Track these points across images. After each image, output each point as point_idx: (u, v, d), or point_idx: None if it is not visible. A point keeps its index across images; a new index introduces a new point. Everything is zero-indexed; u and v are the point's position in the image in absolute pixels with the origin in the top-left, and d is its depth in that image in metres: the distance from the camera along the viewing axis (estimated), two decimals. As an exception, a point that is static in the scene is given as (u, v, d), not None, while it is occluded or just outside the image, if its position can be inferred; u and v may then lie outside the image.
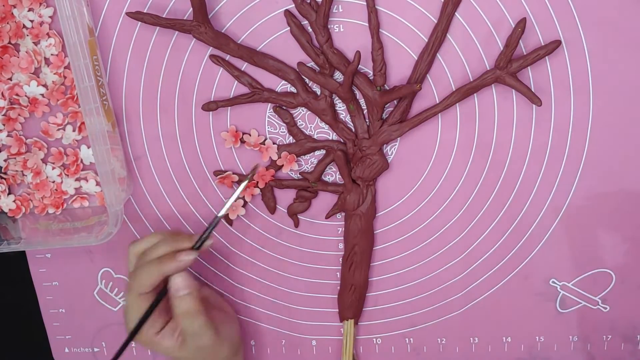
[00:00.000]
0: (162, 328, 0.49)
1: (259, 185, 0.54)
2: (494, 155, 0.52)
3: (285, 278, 0.57)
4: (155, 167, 0.55)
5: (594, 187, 0.52)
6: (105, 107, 0.50)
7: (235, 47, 0.50)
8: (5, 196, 0.55)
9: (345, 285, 0.56)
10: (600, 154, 0.51)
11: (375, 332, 0.58)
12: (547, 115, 0.50)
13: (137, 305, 0.48)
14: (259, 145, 0.53)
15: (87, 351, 0.62)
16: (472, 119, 0.51)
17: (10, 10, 0.50)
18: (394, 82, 0.50)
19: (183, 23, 0.49)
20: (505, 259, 0.55)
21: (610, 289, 0.55)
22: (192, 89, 0.52)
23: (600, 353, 0.57)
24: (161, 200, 0.55)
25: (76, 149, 0.54)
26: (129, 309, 0.48)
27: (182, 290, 0.47)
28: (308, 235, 0.56)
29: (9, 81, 0.52)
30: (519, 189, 0.53)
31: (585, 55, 0.49)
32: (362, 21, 0.49)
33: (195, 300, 0.47)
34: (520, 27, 0.47)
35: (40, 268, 0.59)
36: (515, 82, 0.48)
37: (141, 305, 0.48)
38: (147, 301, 0.48)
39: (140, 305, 0.48)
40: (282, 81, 0.51)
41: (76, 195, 0.56)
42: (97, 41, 0.51)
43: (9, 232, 0.55)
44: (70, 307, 0.60)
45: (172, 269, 0.47)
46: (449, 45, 0.49)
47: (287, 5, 0.49)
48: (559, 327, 0.56)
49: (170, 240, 0.48)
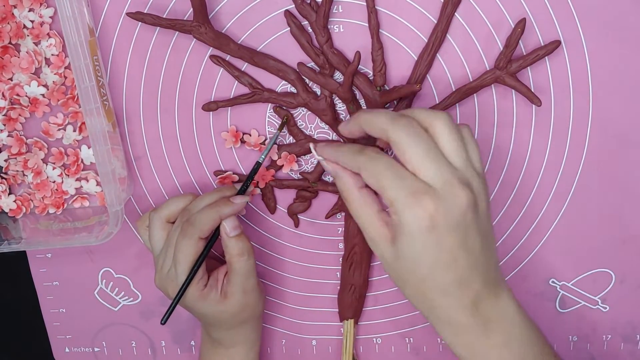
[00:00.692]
0: (207, 283, 0.51)
1: (259, 185, 0.54)
2: (494, 156, 0.52)
3: (285, 278, 0.57)
4: (155, 167, 0.55)
5: (593, 187, 0.52)
6: (105, 107, 0.50)
7: (236, 47, 0.50)
8: (5, 196, 0.56)
9: (345, 285, 0.56)
10: (600, 154, 0.51)
11: (375, 332, 0.58)
12: (547, 116, 0.50)
13: (193, 251, 0.49)
14: (259, 145, 0.53)
15: (88, 351, 0.62)
16: (472, 119, 0.51)
17: (10, 10, 0.50)
18: (394, 82, 0.51)
19: (183, 23, 0.49)
20: (505, 258, 0.55)
21: (610, 288, 0.55)
22: (192, 89, 0.52)
23: (600, 353, 0.57)
24: (161, 200, 0.56)
25: (77, 149, 0.54)
26: (183, 257, 0.49)
27: (234, 230, 0.49)
28: (308, 235, 0.56)
29: (9, 81, 0.52)
30: (518, 188, 0.53)
31: (585, 55, 0.49)
32: (362, 21, 0.49)
33: (247, 240, 0.50)
34: (520, 27, 0.47)
35: (41, 268, 0.59)
36: (515, 82, 0.48)
37: (197, 251, 0.49)
38: (201, 247, 0.49)
39: (197, 250, 0.49)
40: (282, 81, 0.51)
41: (77, 195, 0.56)
42: (98, 41, 0.51)
43: (9, 232, 0.55)
44: (71, 307, 0.60)
45: (230, 211, 0.49)
46: (449, 45, 0.49)
47: (287, 5, 0.49)
48: (559, 327, 0.56)
49: (212, 193, 0.50)
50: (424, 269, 0.40)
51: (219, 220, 0.49)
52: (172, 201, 0.51)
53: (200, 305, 0.50)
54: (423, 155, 0.39)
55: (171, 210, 0.51)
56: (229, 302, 0.51)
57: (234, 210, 0.49)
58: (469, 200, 0.39)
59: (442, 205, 0.38)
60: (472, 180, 0.40)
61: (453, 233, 0.39)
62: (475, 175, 0.40)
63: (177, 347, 0.61)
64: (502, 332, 0.42)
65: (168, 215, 0.51)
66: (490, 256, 0.41)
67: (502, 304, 0.42)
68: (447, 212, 0.38)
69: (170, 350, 0.61)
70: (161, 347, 0.61)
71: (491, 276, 0.41)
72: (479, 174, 0.41)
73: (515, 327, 0.42)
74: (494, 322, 0.42)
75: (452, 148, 0.40)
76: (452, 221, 0.38)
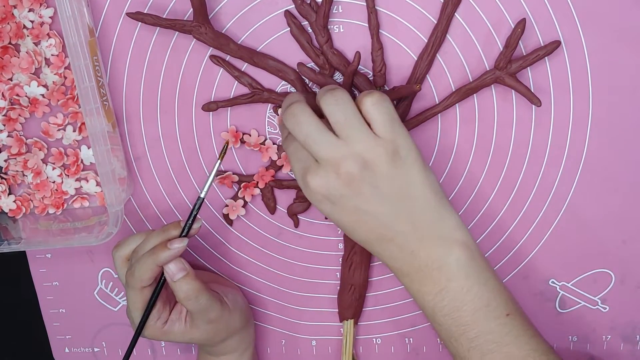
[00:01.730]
0: (167, 318, 0.50)
1: (259, 185, 0.54)
2: (494, 156, 0.52)
3: (285, 278, 0.57)
4: (155, 167, 0.55)
5: (593, 187, 0.52)
6: (105, 107, 0.50)
7: (236, 47, 0.50)
8: (5, 196, 0.56)
9: (345, 285, 0.56)
10: (600, 154, 0.51)
11: (375, 332, 0.58)
12: (547, 116, 0.50)
13: (139, 299, 0.49)
14: (259, 146, 0.53)
15: (88, 351, 0.62)
16: (471, 120, 0.51)
17: (10, 10, 0.50)
18: (394, 83, 0.51)
19: (183, 23, 0.49)
20: (505, 258, 0.55)
21: (609, 289, 0.55)
22: (192, 90, 0.52)
23: (600, 353, 0.57)
24: (161, 200, 0.56)
25: (76, 149, 0.54)
26: (132, 305, 0.49)
27: (177, 274, 0.48)
28: (308, 235, 0.56)
29: (9, 81, 0.52)
30: (518, 189, 0.53)
31: (585, 55, 0.49)
32: (362, 22, 0.49)
33: (193, 280, 0.48)
34: (520, 27, 0.47)
35: (41, 268, 0.59)
36: (515, 82, 0.48)
37: (144, 299, 0.49)
38: (148, 294, 0.49)
39: (143, 298, 0.49)
40: (282, 81, 0.51)
41: (76, 196, 0.56)
42: (98, 41, 0.51)
43: (9, 232, 0.55)
44: (71, 307, 0.60)
45: (165, 257, 0.47)
46: (449, 45, 0.49)
47: (287, 5, 0.49)
48: (559, 327, 0.56)
49: (157, 233, 0.49)
50: (343, 229, 0.46)
51: (156, 267, 0.47)
52: (130, 239, 0.51)
53: (167, 337, 0.51)
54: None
55: (130, 249, 0.51)
56: (196, 331, 0.51)
57: (170, 256, 0.47)
58: (349, 172, 0.42)
59: (325, 179, 0.43)
60: (363, 149, 0.42)
61: (344, 200, 0.43)
62: (365, 143, 0.42)
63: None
64: (437, 283, 0.44)
65: (127, 254, 0.51)
66: (412, 211, 0.43)
67: (441, 256, 0.44)
68: (330, 186, 0.43)
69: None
70: (161, 347, 0.61)
71: (422, 227, 0.44)
72: (381, 138, 0.43)
73: (452, 281, 0.44)
74: (431, 271, 0.44)
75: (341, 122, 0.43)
76: (336, 192, 0.43)
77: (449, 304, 0.44)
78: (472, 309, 0.44)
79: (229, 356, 0.54)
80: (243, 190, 0.54)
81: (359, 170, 0.42)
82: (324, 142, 0.42)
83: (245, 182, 0.54)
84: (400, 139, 0.43)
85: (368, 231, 0.44)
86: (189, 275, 0.48)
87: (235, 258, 0.57)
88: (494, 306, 0.44)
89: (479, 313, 0.44)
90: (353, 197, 0.43)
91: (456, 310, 0.44)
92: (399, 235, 0.44)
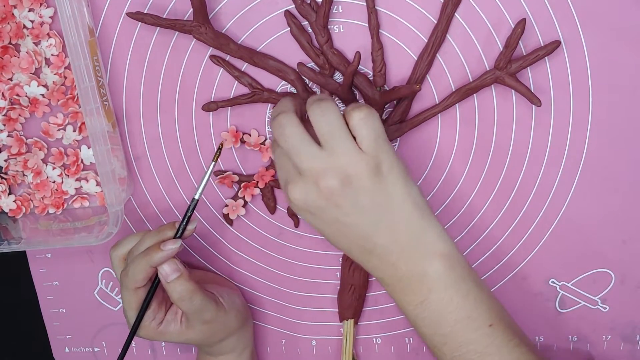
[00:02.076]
0: (163, 318, 0.50)
1: (259, 185, 0.54)
2: (494, 156, 0.52)
3: (285, 278, 0.57)
4: (155, 167, 0.55)
5: (593, 187, 0.52)
6: (105, 107, 0.50)
7: (236, 47, 0.50)
8: (5, 196, 0.56)
9: (345, 285, 0.56)
10: (600, 154, 0.51)
11: (375, 332, 0.58)
12: (547, 116, 0.50)
13: (134, 300, 0.49)
14: (259, 146, 0.53)
15: (88, 351, 0.62)
16: (471, 120, 0.51)
17: (10, 10, 0.50)
18: (394, 83, 0.51)
19: (183, 23, 0.49)
20: (505, 258, 0.55)
21: (609, 289, 0.55)
22: (192, 89, 0.52)
23: (600, 353, 0.57)
24: (161, 200, 0.56)
25: (76, 149, 0.54)
26: (127, 305, 0.49)
27: (171, 275, 0.48)
28: (308, 235, 0.56)
29: (9, 81, 0.52)
30: (518, 189, 0.53)
31: (585, 55, 0.49)
32: (362, 22, 0.49)
33: (187, 281, 0.48)
34: (520, 27, 0.47)
35: (41, 268, 0.59)
36: (515, 82, 0.48)
37: (138, 300, 0.49)
38: (143, 294, 0.49)
39: (138, 299, 0.49)
40: (282, 81, 0.51)
41: (76, 196, 0.56)
42: (98, 41, 0.51)
43: (9, 232, 0.55)
44: (71, 307, 0.60)
45: (159, 259, 0.47)
46: (449, 45, 0.49)
47: (287, 5, 0.49)
48: (559, 327, 0.56)
49: (153, 233, 0.49)
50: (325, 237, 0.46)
51: (150, 269, 0.48)
52: (127, 239, 0.51)
53: (162, 338, 0.51)
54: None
55: (127, 249, 0.51)
56: (192, 332, 0.51)
57: (164, 257, 0.47)
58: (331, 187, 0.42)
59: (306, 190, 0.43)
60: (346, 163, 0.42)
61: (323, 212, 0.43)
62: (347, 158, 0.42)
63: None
64: (418, 294, 0.44)
65: (124, 254, 0.51)
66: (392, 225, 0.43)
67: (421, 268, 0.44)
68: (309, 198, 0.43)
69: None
70: (161, 347, 0.61)
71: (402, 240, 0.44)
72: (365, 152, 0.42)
73: (433, 293, 0.44)
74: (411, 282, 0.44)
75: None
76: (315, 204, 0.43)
77: (430, 315, 0.44)
78: (453, 320, 0.44)
79: (228, 356, 0.54)
80: (243, 190, 0.54)
81: (340, 184, 0.42)
82: (307, 154, 0.42)
83: (245, 182, 0.54)
84: (383, 154, 0.43)
85: (349, 242, 0.45)
86: (182, 276, 0.48)
87: (236, 258, 0.57)
88: (475, 317, 0.44)
89: (460, 324, 0.44)
90: (332, 209, 0.43)
91: (438, 321, 0.44)
92: (379, 248, 0.44)
